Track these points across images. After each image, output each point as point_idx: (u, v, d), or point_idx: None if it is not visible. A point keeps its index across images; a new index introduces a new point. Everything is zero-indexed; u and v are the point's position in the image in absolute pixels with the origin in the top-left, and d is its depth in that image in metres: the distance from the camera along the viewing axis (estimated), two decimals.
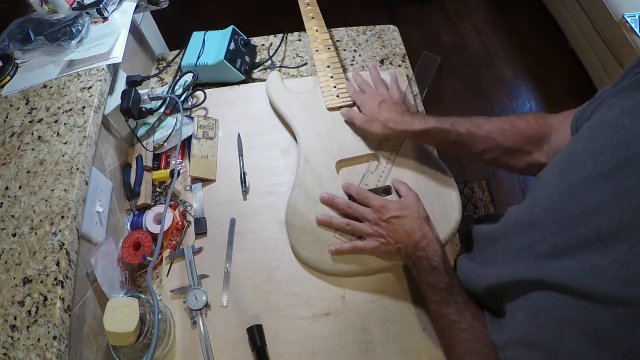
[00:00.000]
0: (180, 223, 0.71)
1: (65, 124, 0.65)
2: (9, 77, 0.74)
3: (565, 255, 0.39)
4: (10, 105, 0.70)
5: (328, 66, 0.81)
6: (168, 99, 0.80)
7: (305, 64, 0.92)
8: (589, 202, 0.38)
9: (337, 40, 0.95)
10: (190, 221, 0.72)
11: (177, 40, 1.00)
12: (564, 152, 0.46)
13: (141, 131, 0.80)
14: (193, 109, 0.84)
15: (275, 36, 0.97)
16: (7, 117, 0.68)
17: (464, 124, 0.61)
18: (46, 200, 0.57)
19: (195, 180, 0.75)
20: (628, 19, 1.67)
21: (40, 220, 0.56)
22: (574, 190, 0.40)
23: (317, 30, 0.85)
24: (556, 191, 0.43)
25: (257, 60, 0.92)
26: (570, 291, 0.37)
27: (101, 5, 0.78)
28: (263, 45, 0.96)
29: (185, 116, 0.80)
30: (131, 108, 0.72)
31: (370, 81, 0.78)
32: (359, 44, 0.95)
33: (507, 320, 0.47)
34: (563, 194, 0.41)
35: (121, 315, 0.51)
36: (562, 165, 0.44)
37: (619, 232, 0.34)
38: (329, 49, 0.83)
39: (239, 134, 0.80)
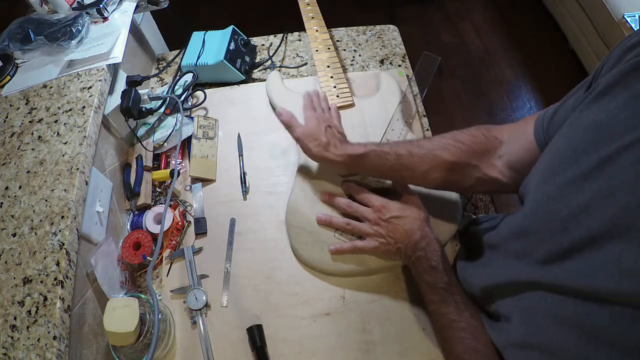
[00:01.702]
0: (180, 223, 0.71)
1: (65, 124, 0.65)
2: (9, 77, 0.74)
3: (561, 259, 0.39)
4: (10, 105, 0.70)
5: (328, 66, 0.81)
6: (168, 99, 0.80)
7: (305, 64, 0.92)
8: (576, 203, 0.38)
9: (337, 40, 0.95)
10: (190, 221, 0.72)
11: (177, 40, 1.00)
12: (546, 155, 0.45)
13: (141, 131, 0.80)
14: (193, 109, 0.84)
15: (275, 36, 0.97)
16: (7, 117, 0.68)
17: (404, 146, 0.59)
18: (46, 200, 0.57)
19: (195, 180, 0.75)
20: (628, 19, 1.67)
21: (40, 220, 0.56)
22: (560, 193, 0.40)
23: (317, 30, 0.85)
24: (543, 197, 0.42)
25: (257, 60, 0.92)
26: (566, 291, 0.37)
27: (101, 5, 0.78)
28: (263, 45, 0.96)
29: (185, 116, 0.80)
30: (131, 108, 0.72)
31: (326, 106, 0.76)
32: (359, 44, 0.95)
33: (503, 322, 0.47)
34: (550, 198, 0.41)
35: (121, 315, 0.51)
36: (546, 169, 0.44)
37: (611, 231, 0.34)
38: (329, 49, 0.83)
39: (239, 134, 0.80)
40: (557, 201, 0.40)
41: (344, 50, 0.94)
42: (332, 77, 0.80)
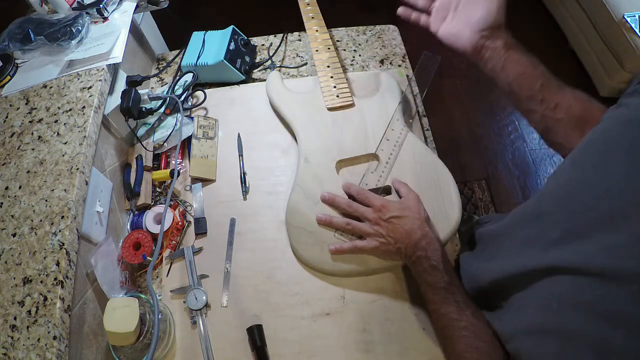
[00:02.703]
0: (180, 223, 0.71)
1: (65, 124, 0.65)
2: (9, 77, 0.74)
3: (577, 239, 0.39)
4: (10, 105, 0.70)
5: (328, 66, 0.81)
6: (168, 99, 0.80)
7: (305, 64, 0.92)
8: (601, 186, 0.38)
9: (337, 40, 0.95)
10: (190, 221, 0.72)
11: (177, 40, 1.00)
12: (577, 146, 0.46)
13: (141, 131, 0.80)
14: (193, 109, 0.84)
15: (275, 36, 0.97)
16: (7, 117, 0.68)
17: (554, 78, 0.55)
18: (46, 200, 0.57)
19: (195, 180, 0.75)
20: (628, 19, 1.67)
21: (40, 220, 0.56)
22: (585, 176, 0.41)
23: (317, 30, 0.85)
24: (567, 180, 0.43)
25: (257, 60, 0.92)
26: (583, 273, 0.37)
27: (101, 5, 0.78)
28: (263, 45, 0.96)
29: (185, 116, 0.80)
30: (131, 108, 0.72)
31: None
32: (359, 44, 0.95)
33: (514, 311, 0.46)
34: (574, 181, 0.42)
35: (121, 315, 0.51)
36: (575, 157, 0.45)
37: (632, 212, 0.35)
38: (329, 49, 0.83)
39: (239, 134, 0.80)
40: (582, 184, 0.41)
41: (344, 50, 0.94)
42: (332, 77, 0.80)
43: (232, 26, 0.88)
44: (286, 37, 0.96)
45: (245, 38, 0.90)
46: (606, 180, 0.38)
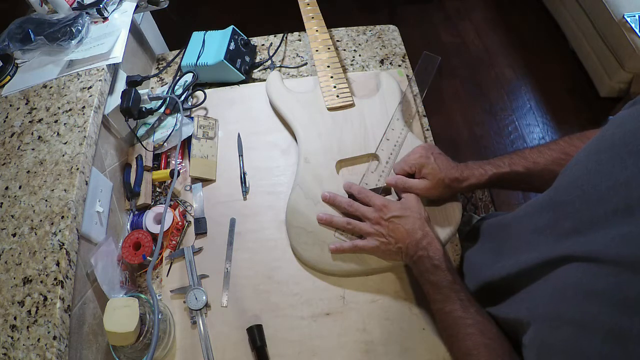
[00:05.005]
0: (180, 223, 0.71)
1: (65, 124, 0.65)
2: (9, 77, 0.74)
3: (591, 229, 0.39)
4: (10, 105, 0.70)
5: (328, 66, 0.81)
6: (168, 99, 0.80)
7: (305, 64, 0.92)
8: (617, 177, 0.38)
9: (337, 40, 0.95)
10: (190, 221, 0.72)
11: (177, 40, 1.00)
12: (590, 141, 0.46)
13: (141, 131, 0.80)
14: (193, 109, 0.84)
15: (275, 36, 0.97)
16: (7, 117, 0.68)
17: (521, 162, 0.60)
18: (46, 200, 0.57)
19: (195, 180, 0.75)
20: (628, 19, 1.67)
21: (40, 220, 0.56)
22: (602, 167, 0.41)
23: (317, 30, 0.85)
24: (583, 170, 0.43)
25: (257, 60, 0.92)
26: (598, 261, 0.37)
27: (101, 5, 0.78)
28: (263, 45, 0.96)
29: (185, 116, 0.80)
30: (131, 108, 0.72)
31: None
32: (359, 44, 0.95)
33: (527, 300, 0.46)
34: (590, 171, 0.42)
35: (121, 315, 0.51)
36: (591, 149, 0.44)
37: None
38: (329, 49, 0.83)
39: (239, 134, 0.80)
40: (598, 174, 0.41)
41: (344, 50, 0.94)
42: (332, 77, 0.80)
43: (232, 26, 0.88)
44: (286, 37, 0.96)
45: (245, 38, 0.90)
46: (624, 170, 0.38)
